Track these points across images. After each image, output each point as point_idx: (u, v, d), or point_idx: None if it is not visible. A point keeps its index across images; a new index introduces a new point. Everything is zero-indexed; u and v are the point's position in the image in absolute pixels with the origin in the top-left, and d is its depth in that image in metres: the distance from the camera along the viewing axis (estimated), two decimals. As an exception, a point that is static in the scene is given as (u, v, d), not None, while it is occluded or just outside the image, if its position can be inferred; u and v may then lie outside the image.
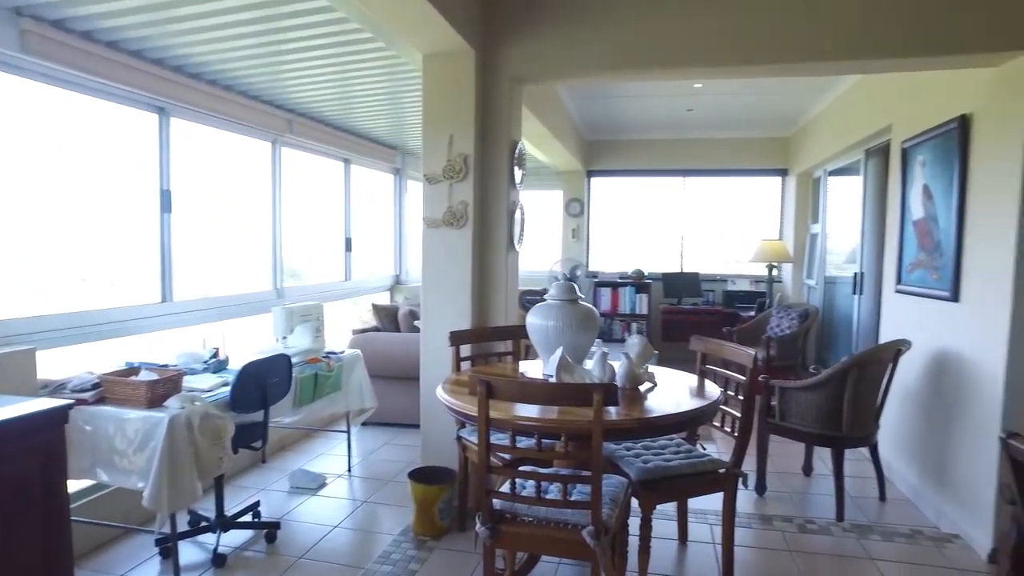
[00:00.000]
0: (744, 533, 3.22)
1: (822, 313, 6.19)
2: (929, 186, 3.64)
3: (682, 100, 6.02)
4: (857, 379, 3.37)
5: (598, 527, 2.09)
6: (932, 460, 3.55)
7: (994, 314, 3.01)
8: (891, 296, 4.15)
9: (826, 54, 3.08)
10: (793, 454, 4.25)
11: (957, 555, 3.07)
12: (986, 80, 3.14)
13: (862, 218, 5.05)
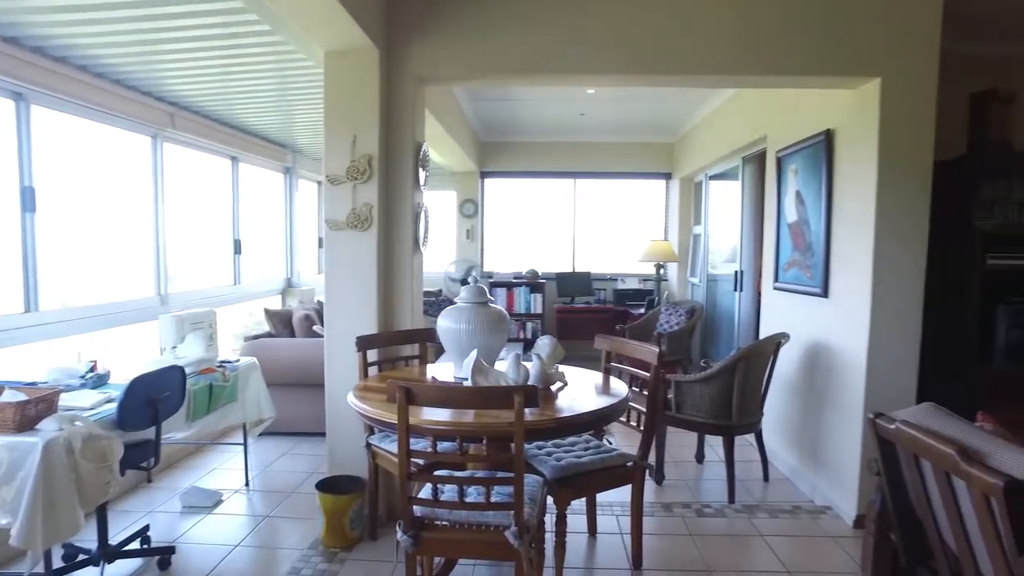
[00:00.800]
0: (648, 521, 3.38)
1: (706, 310, 6.60)
2: (801, 192, 3.98)
3: (575, 105, 6.21)
4: (745, 371, 3.63)
5: (521, 527, 2.12)
6: (808, 442, 3.90)
7: (857, 308, 3.35)
8: (770, 293, 4.51)
9: (709, 68, 3.28)
10: (687, 443, 4.51)
11: (829, 524, 3.40)
12: (846, 100, 3.49)
13: (741, 220, 5.43)
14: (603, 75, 3.35)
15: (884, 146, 3.19)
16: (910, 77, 3.19)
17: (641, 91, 5.58)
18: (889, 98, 3.19)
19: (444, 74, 3.35)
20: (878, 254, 3.22)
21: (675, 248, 7.54)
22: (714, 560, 3.02)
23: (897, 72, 3.19)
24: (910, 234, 3.24)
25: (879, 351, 3.26)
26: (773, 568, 2.96)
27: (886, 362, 3.26)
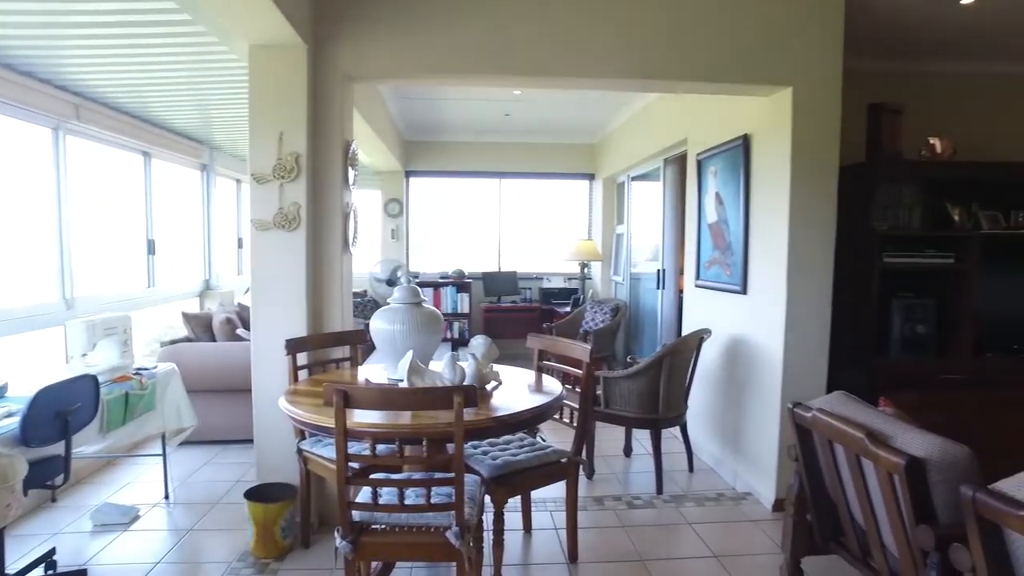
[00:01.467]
0: (581, 516, 3.45)
1: (630, 307, 6.79)
2: (720, 193, 4.17)
3: (501, 105, 6.25)
4: (670, 366, 3.77)
5: (462, 527, 2.13)
6: (729, 432, 4.09)
7: (774, 304, 3.55)
8: (691, 290, 4.70)
9: (636, 73, 3.39)
10: (615, 438, 4.63)
11: (750, 509, 3.58)
12: (762, 107, 3.68)
13: (663, 220, 5.63)
14: (533, 77, 3.39)
15: (796, 151, 3.40)
16: (817, 88, 3.41)
17: (565, 93, 5.68)
18: (800, 106, 3.40)
19: (373, 72, 3.31)
20: (792, 253, 3.42)
21: (599, 247, 7.72)
22: (646, 550, 3.12)
23: (806, 83, 3.40)
24: (819, 234, 3.46)
25: (794, 344, 3.46)
26: (701, 554, 3.10)
27: (800, 354, 3.47)
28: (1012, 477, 1.66)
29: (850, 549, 2.52)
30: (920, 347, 3.88)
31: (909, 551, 2.04)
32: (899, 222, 3.95)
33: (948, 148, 4.04)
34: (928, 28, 3.91)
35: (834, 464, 2.40)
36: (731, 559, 3.04)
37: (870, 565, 2.40)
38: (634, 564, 2.99)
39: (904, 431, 2.10)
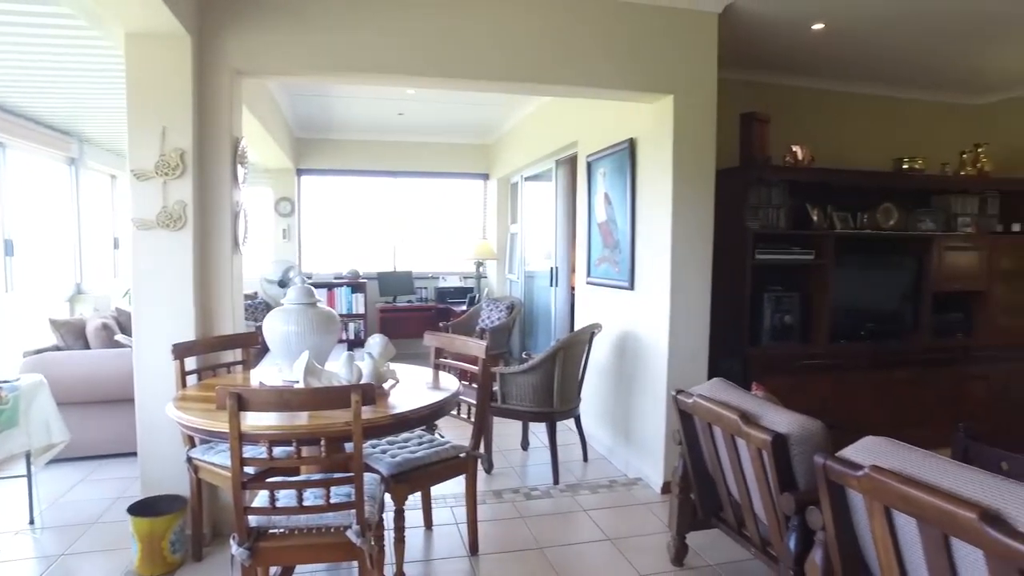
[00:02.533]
0: (481, 509, 3.51)
1: (524, 304, 6.95)
2: (609, 194, 4.38)
3: (395, 104, 6.22)
4: (563, 360, 3.92)
5: (363, 525, 2.14)
6: (621, 421, 4.31)
7: (659, 299, 3.77)
8: (583, 287, 4.89)
9: (528, 77, 3.49)
10: (512, 432, 4.75)
11: (641, 493, 3.80)
12: (646, 113, 3.90)
13: (555, 219, 5.81)
14: (428, 78, 3.41)
15: (677, 155, 3.63)
16: (696, 96, 3.66)
17: (459, 93, 5.74)
18: (680, 113, 3.63)
19: (264, 68, 3.21)
20: (675, 250, 3.66)
21: (494, 246, 7.84)
22: (544, 538, 3.24)
23: (686, 91, 3.64)
24: (699, 233, 3.71)
25: (677, 335, 3.70)
26: (595, 538, 3.25)
27: (683, 345, 3.72)
28: (853, 445, 1.89)
29: (728, 522, 2.75)
30: (787, 335, 4.26)
31: (776, 517, 2.26)
32: (769, 222, 4.32)
33: (807, 155, 4.45)
34: (788, 48, 4.30)
35: (713, 445, 2.61)
36: (623, 540, 3.22)
37: (744, 534, 2.63)
38: (533, 552, 3.09)
39: (771, 411, 2.33)
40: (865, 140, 5.18)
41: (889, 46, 4.25)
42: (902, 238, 4.69)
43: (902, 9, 3.65)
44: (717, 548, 3.10)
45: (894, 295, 4.68)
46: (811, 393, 4.20)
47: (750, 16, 3.77)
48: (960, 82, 5.15)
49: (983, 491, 1.52)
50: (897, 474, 1.66)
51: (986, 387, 4.70)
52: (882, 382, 4.43)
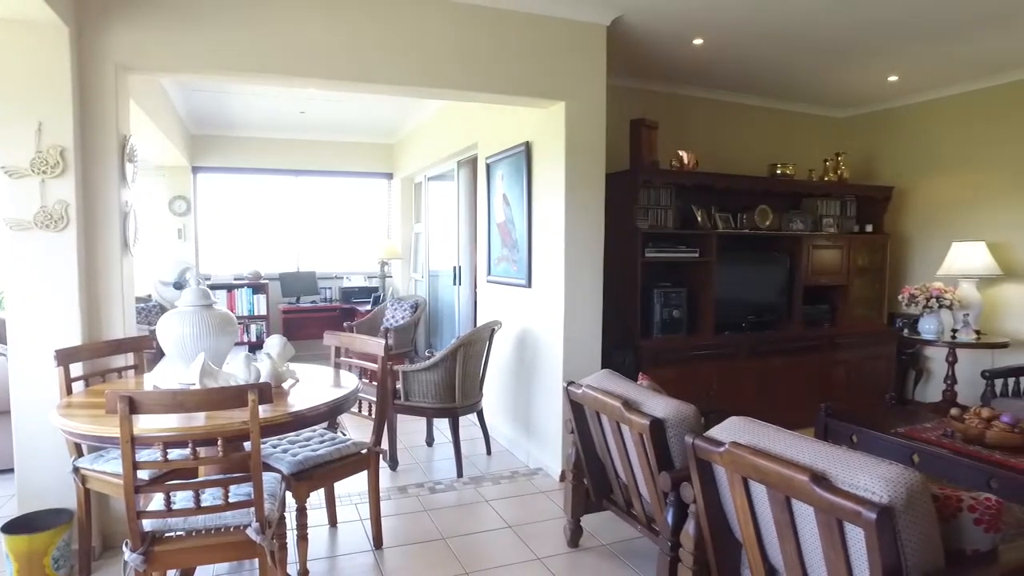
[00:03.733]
0: (386, 505, 3.59)
1: (429, 303, 7.02)
2: (507, 195, 4.53)
3: (296, 102, 6.12)
4: (464, 357, 4.04)
5: (263, 522, 2.17)
6: (521, 414, 4.47)
7: (554, 296, 3.96)
8: (484, 285, 5.03)
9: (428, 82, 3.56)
10: (417, 429, 4.82)
11: (541, 482, 3.98)
12: (541, 117, 4.08)
13: (457, 219, 5.92)
14: (325, 80, 3.42)
15: (570, 159, 3.82)
16: (586, 103, 3.86)
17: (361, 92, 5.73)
18: (572, 119, 3.83)
19: (153, 65, 3.12)
20: (569, 249, 3.85)
21: (398, 246, 7.85)
22: (447, 529, 3.34)
23: (577, 98, 3.84)
24: (592, 233, 3.93)
25: (572, 330, 3.90)
26: (497, 526, 3.39)
27: (578, 339, 3.92)
28: (718, 425, 2.12)
29: (618, 503, 2.96)
30: (676, 328, 4.57)
31: (657, 495, 2.48)
32: (657, 222, 4.61)
33: (693, 160, 4.79)
34: (673, 60, 4.60)
35: (601, 432, 2.80)
36: (524, 527, 3.38)
37: (632, 514, 2.84)
38: (436, 543, 3.20)
39: (651, 398, 2.54)
40: (744, 147, 5.62)
41: (762, 62, 4.65)
42: (777, 237, 5.13)
43: (770, 31, 4.01)
44: (609, 528, 3.31)
45: (771, 289, 5.11)
46: (698, 381, 4.54)
47: (636, 30, 4.02)
48: (824, 97, 5.67)
49: (816, 458, 1.76)
50: (751, 448, 1.89)
51: (845, 371, 5.22)
52: (761, 369, 4.83)
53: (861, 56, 4.51)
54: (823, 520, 1.66)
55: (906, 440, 3.42)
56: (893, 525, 1.54)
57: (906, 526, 1.56)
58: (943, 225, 5.44)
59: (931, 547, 1.61)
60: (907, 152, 5.71)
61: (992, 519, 1.69)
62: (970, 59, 4.58)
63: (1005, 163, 5.01)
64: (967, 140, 5.25)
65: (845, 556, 1.66)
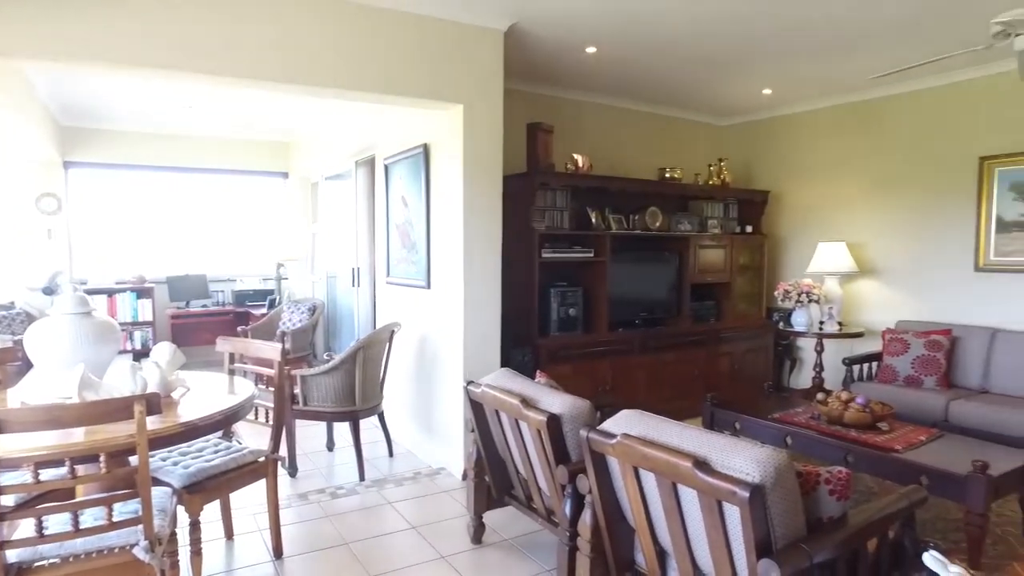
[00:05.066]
0: (286, 513, 3.50)
1: (327, 305, 6.87)
2: (405, 196, 4.52)
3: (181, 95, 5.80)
4: (364, 359, 4.00)
5: (152, 540, 2.08)
6: (423, 415, 4.48)
7: (454, 297, 4.00)
8: (383, 287, 5.00)
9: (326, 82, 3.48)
10: (317, 434, 4.72)
11: (444, 482, 4.01)
12: (439, 120, 4.10)
13: (355, 220, 5.83)
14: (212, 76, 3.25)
15: (467, 161, 3.87)
16: (484, 106, 3.92)
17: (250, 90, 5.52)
18: (470, 122, 3.87)
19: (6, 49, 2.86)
20: (467, 250, 3.90)
21: (295, 246, 7.62)
22: (350, 534, 3.31)
23: (475, 101, 3.89)
24: (489, 234, 3.99)
25: (471, 330, 3.96)
26: (401, 528, 3.39)
27: (477, 338, 3.98)
28: (611, 419, 2.23)
29: (519, 498, 3.04)
30: (572, 326, 4.73)
31: (555, 488, 2.57)
32: (553, 223, 4.75)
33: (587, 163, 4.97)
34: (568, 66, 4.76)
35: (501, 429, 2.87)
36: (427, 527, 3.40)
37: (532, 508, 2.93)
38: (339, 548, 3.16)
39: (548, 395, 2.63)
40: (636, 151, 5.89)
41: (652, 72, 4.89)
42: (666, 237, 5.41)
43: (658, 43, 4.23)
44: (512, 523, 3.39)
45: (661, 287, 5.39)
46: (594, 377, 4.72)
47: (532, 36, 4.13)
48: (708, 106, 6.04)
49: (698, 445, 1.90)
50: (640, 439, 2.01)
51: (730, 362, 5.59)
52: (653, 363, 5.09)
53: (739, 70, 4.85)
54: (705, 502, 1.80)
55: (780, 424, 3.73)
56: (764, 501, 1.70)
57: (775, 501, 1.72)
58: (811, 227, 5.94)
59: (795, 518, 1.78)
60: (781, 159, 6.19)
61: (843, 489, 1.90)
62: (832, 78, 5.03)
63: (862, 173, 5.55)
64: (831, 150, 5.77)
65: (724, 533, 1.81)
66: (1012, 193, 4.67)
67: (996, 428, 3.95)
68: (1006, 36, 2.98)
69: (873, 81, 4.93)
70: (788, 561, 1.68)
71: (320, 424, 4.67)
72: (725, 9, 3.69)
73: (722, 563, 1.85)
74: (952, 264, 4.99)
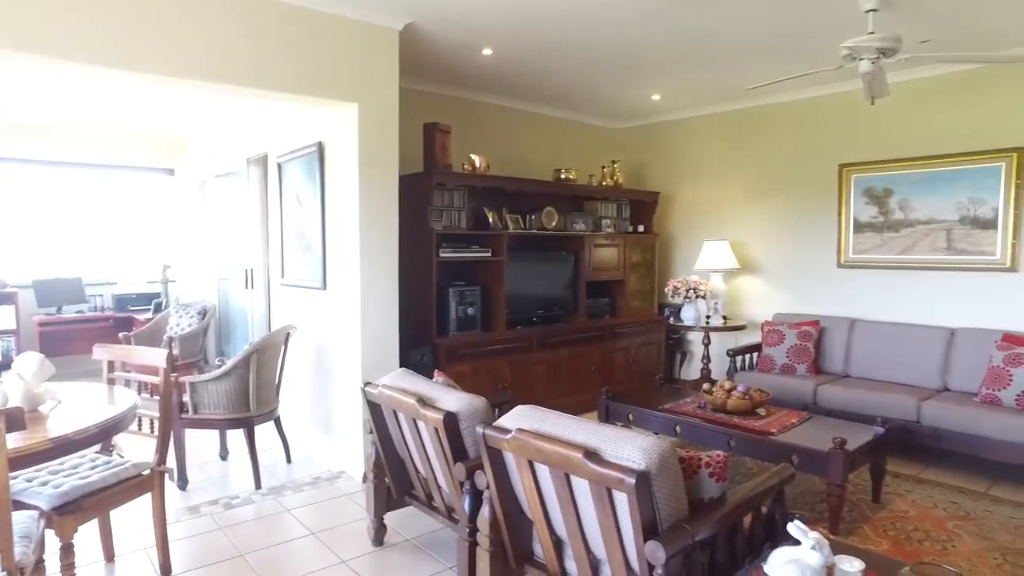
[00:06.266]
0: (175, 528, 3.33)
1: (219, 308, 6.56)
2: (300, 196, 4.41)
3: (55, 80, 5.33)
4: (259, 363, 3.87)
5: (11, 570, 1.94)
6: (322, 418, 4.39)
7: (351, 298, 3.95)
8: (278, 288, 4.85)
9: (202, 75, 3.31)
10: (210, 443, 4.51)
11: (344, 485, 3.95)
12: (334, 118, 4.03)
13: (248, 220, 5.61)
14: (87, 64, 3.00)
15: (363, 160, 3.83)
16: (379, 106, 3.89)
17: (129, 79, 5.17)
18: (365, 121, 3.83)
19: None
20: (363, 251, 3.86)
21: (184, 246, 7.23)
22: (246, 545, 3.19)
23: (370, 100, 3.85)
24: (386, 234, 3.96)
25: (369, 331, 3.92)
26: (300, 535, 3.31)
27: (375, 339, 3.94)
28: (506, 415, 2.29)
29: (419, 498, 3.05)
30: (471, 325, 4.78)
31: (454, 486, 2.61)
32: (451, 223, 4.78)
33: (485, 164, 5.02)
34: (466, 67, 4.80)
35: (399, 429, 2.87)
36: (327, 532, 3.34)
37: (433, 506, 2.95)
38: (234, 561, 3.04)
39: (445, 393, 2.66)
40: (532, 152, 6.02)
41: (547, 75, 5.02)
42: (562, 237, 5.57)
43: (552, 47, 4.35)
44: (413, 523, 3.40)
45: (558, 285, 5.54)
46: (493, 374, 4.79)
47: (428, 36, 4.14)
48: (602, 109, 6.27)
49: (589, 437, 1.99)
50: (534, 433, 2.08)
51: (625, 357, 5.83)
52: (551, 359, 5.22)
53: (629, 76, 5.06)
54: (595, 490, 1.89)
55: (670, 414, 3.94)
56: (649, 487, 1.80)
57: (659, 486, 1.83)
58: (699, 226, 6.30)
59: (679, 501, 1.91)
60: (671, 162, 6.51)
61: (721, 471, 2.05)
62: (716, 87, 5.36)
63: (743, 176, 5.94)
64: (716, 155, 6.14)
65: (615, 518, 1.90)
66: (864, 197, 5.17)
67: (854, 408, 4.36)
68: (852, 59, 3.30)
69: (750, 91, 5.29)
70: (672, 541, 1.80)
71: (213, 432, 4.48)
72: (616, 17, 3.85)
73: (613, 547, 1.94)
74: (820, 261, 5.45)
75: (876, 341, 4.86)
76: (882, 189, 5.07)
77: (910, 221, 4.94)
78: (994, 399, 4.00)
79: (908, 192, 4.93)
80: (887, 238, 5.06)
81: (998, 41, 4.22)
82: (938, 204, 4.79)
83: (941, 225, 4.79)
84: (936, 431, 4.06)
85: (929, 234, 4.85)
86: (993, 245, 4.55)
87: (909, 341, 4.69)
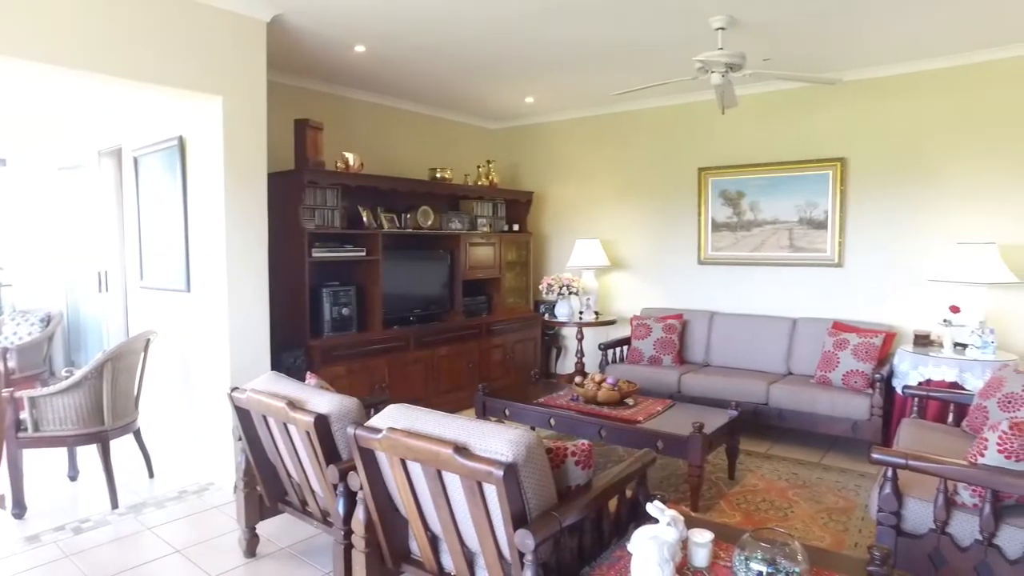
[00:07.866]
0: (9, 563, 3.01)
1: (68, 314, 6.01)
2: (159, 192, 4.14)
3: None
4: (114, 372, 3.60)
5: None
6: (187, 428, 4.16)
7: (217, 300, 3.77)
8: (136, 291, 4.53)
9: (38, 56, 3.01)
10: (55, 463, 4.13)
11: (213, 497, 3.76)
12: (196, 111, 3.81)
13: (101, 217, 5.19)
14: None
15: (228, 156, 3.66)
16: (246, 100, 3.73)
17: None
18: (230, 115, 3.66)
19: None
20: (230, 251, 3.69)
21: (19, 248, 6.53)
22: (97, 572, 2.95)
23: (236, 93, 3.68)
24: (254, 233, 3.81)
25: (238, 334, 3.75)
26: (163, 554, 3.12)
27: (244, 343, 3.79)
28: (378, 414, 2.30)
29: (293, 504, 2.98)
30: (346, 326, 4.70)
31: (328, 489, 2.57)
32: (324, 222, 4.67)
33: (358, 162, 4.95)
34: (338, 63, 4.70)
35: (270, 435, 2.79)
36: (194, 548, 3.17)
37: (308, 512, 2.89)
38: (83, 588, 2.82)
39: (316, 396, 2.62)
40: (407, 151, 6.00)
41: (421, 74, 5.02)
42: (438, 236, 5.60)
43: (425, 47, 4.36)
44: (287, 531, 3.30)
45: (435, 284, 5.56)
46: (370, 375, 4.74)
47: (298, 30, 4.02)
48: (477, 110, 6.35)
49: (459, 432, 2.04)
50: (405, 431, 2.10)
51: (502, 353, 5.96)
52: (428, 358, 5.24)
53: (503, 78, 5.17)
54: (466, 484, 1.95)
55: (544, 408, 4.09)
56: (517, 478, 1.88)
57: (527, 477, 1.92)
58: (571, 225, 6.55)
59: (546, 490, 2.00)
60: (545, 162, 6.72)
61: (586, 459, 2.17)
62: (587, 91, 5.59)
63: (613, 177, 6.25)
64: (587, 156, 6.41)
65: (486, 511, 1.96)
66: (721, 199, 5.61)
67: (714, 395, 4.72)
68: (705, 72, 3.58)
69: (617, 97, 5.57)
70: (541, 529, 1.88)
71: (60, 451, 4.10)
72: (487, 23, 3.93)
73: (486, 539, 2.01)
74: (682, 258, 5.84)
75: (732, 331, 5.29)
76: (735, 192, 5.51)
77: (759, 221, 5.42)
78: (826, 380, 4.49)
79: (757, 195, 5.40)
80: (740, 236, 5.52)
81: (823, 64, 4.73)
82: (782, 206, 5.29)
83: (784, 225, 5.29)
84: (781, 411, 4.49)
85: (775, 233, 5.35)
86: (825, 243, 5.11)
87: (760, 331, 5.15)
